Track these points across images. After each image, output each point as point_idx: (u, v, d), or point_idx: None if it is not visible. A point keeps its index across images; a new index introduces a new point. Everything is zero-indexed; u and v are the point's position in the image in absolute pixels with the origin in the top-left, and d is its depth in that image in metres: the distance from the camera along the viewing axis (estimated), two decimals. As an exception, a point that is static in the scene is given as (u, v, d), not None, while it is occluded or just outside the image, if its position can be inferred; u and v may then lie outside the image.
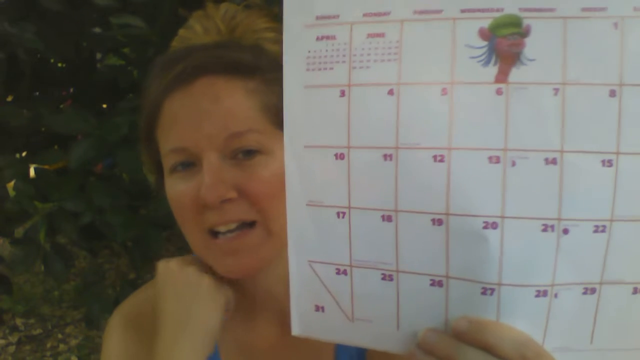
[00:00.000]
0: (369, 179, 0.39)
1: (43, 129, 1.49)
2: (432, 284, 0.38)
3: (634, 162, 0.35)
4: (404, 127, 0.37)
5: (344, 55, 0.39)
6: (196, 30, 0.56)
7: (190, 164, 0.52)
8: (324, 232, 0.41)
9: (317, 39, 0.39)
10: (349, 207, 0.40)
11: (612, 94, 0.35)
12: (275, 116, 0.52)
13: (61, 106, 1.60)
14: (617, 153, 0.35)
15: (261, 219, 0.51)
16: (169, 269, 0.55)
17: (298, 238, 0.41)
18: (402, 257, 0.39)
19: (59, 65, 1.66)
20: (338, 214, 0.40)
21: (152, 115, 0.54)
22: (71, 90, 1.69)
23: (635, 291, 0.37)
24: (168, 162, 0.53)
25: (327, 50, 0.39)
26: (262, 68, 0.53)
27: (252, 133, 0.51)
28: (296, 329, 0.43)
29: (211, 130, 0.50)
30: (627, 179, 0.35)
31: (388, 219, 0.39)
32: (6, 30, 1.24)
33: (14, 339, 2.57)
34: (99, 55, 1.70)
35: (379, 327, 0.41)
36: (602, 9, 0.35)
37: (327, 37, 0.39)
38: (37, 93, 1.59)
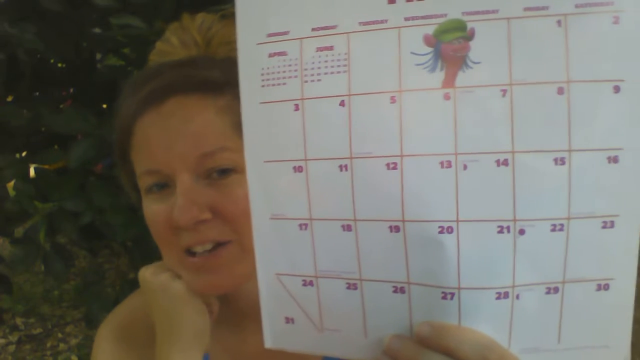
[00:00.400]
0: (327, 189, 0.39)
1: (43, 129, 1.49)
2: (394, 291, 0.39)
3: (586, 159, 0.35)
4: (357, 137, 0.38)
5: (295, 70, 0.39)
6: (173, 43, 0.56)
7: (164, 185, 0.51)
8: (288, 245, 0.41)
9: (270, 55, 0.40)
10: (310, 219, 0.40)
11: (560, 91, 0.35)
12: None
13: (61, 106, 1.60)
14: (569, 150, 0.35)
15: (236, 238, 0.51)
16: (145, 277, 0.55)
17: (264, 251, 0.42)
18: (364, 266, 0.39)
19: (59, 65, 1.66)
20: (300, 225, 0.40)
21: (124, 137, 0.53)
22: (71, 90, 1.69)
23: (598, 288, 0.37)
24: (143, 183, 0.53)
25: (279, 66, 0.39)
26: (231, 83, 0.53)
27: (224, 152, 0.50)
28: (268, 342, 0.44)
29: (183, 151, 0.50)
30: (581, 176, 0.35)
31: (348, 228, 0.39)
32: (6, 31, 1.24)
33: (14, 338, 2.58)
34: (98, 56, 1.70)
35: (348, 336, 0.41)
36: (544, 8, 0.35)
37: (279, 54, 0.40)
38: (37, 93, 1.59)
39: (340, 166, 0.38)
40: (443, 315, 0.37)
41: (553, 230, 0.36)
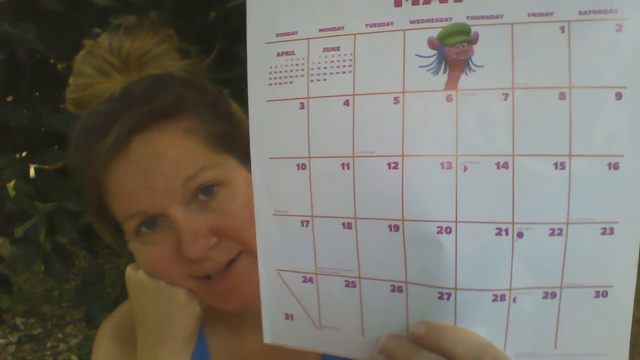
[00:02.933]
0: (329, 187, 0.39)
1: (43, 129, 1.49)
2: (392, 290, 0.39)
3: (587, 164, 0.35)
4: (360, 136, 0.38)
5: (302, 70, 0.40)
6: (88, 73, 0.53)
7: (154, 222, 0.50)
8: (290, 241, 0.41)
9: (278, 54, 0.40)
10: (312, 216, 0.40)
11: (562, 96, 0.35)
12: (217, 143, 0.51)
13: (61, 106, 1.60)
14: (570, 155, 0.35)
15: (245, 249, 0.51)
16: (138, 279, 0.53)
17: (266, 247, 0.42)
18: (363, 264, 0.39)
19: (59, 65, 1.66)
20: (302, 222, 0.41)
21: (95, 189, 0.51)
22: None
23: (597, 294, 0.37)
24: (129, 226, 0.51)
25: (287, 65, 0.40)
26: (185, 100, 0.51)
27: (205, 170, 0.50)
28: (268, 337, 0.44)
29: (164, 184, 0.48)
30: (581, 181, 0.35)
31: (348, 226, 0.39)
32: (6, 31, 1.24)
33: (14, 338, 2.58)
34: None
35: (346, 334, 0.41)
36: (548, 14, 0.35)
37: (287, 53, 0.40)
38: (37, 93, 1.59)
39: (343, 164, 0.39)
40: (439, 315, 0.38)
41: (552, 234, 0.36)
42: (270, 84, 0.41)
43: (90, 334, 2.49)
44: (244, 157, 0.51)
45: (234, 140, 0.53)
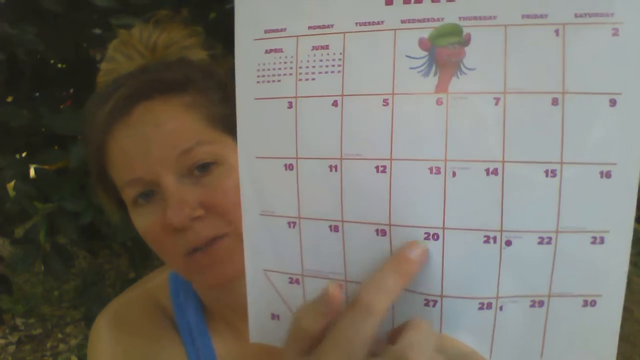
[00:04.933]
0: (316, 189, 0.39)
1: (43, 129, 1.49)
2: None
3: (578, 172, 0.34)
4: (348, 138, 0.37)
5: (290, 68, 0.39)
6: (119, 60, 0.56)
7: (150, 193, 0.51)
8: (277, 242, 0.41)
9: (266, 52, 0.39)
10: (299, 217, 0.40)
11: (555, 102, 0.34)
12: (219, 123, 0.52)
13: (61, 106, 1.61)
14: (561, 163, 0.34)
15: (232, 229, 0.51)
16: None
17: (253, 247, 0.42)
18: (349, 268, 0.39)
19: (59, 65, 1.66)
20: (289, 223, 0.40)
21: (98, 155, 0.53)
22: (71, 90, 1.69)
23: (585, 304, 0.36)
24: (127, 195, 0.52)
25: (275, 63, 0.39)
26: (193, 80, 0.53)
27: (201, 145, 0.50)
28: (254, 337, 0.44)
29: (160, 153, 0.49)
30: (571, 189, 0.34)
31: (335, 229, 0.39)
32: (6, 31, 1.24)
33: (14, 338, 2.58)
34: (98, 56, 1.70)
35: None
36: (543, 16, 0.34)
37: (275, 50, 0.39)
38: (37, 93, 1.59)
39: (330, 166, 0.38)
40: None
41: (540, 242, 0.35)
42: (258, 82, 0.40)
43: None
44: None
45: (236, 125, 0.54)
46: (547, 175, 0.34)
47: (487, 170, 0.35)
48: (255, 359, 0.60)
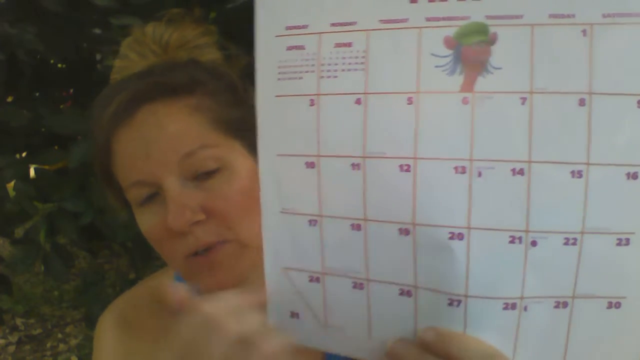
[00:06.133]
0: (338, 187, 0.38)
1: (43, 129, 1.49)
2: (401, 294, 0.38)
3: (604, 173, 0.34)
4: (371, 137, 0.37)
5: (312, 65, 0.38)
6: (132, 58, 0.56)
7: (154, 195, 0.51)
8: (297, 240, 0.41)
9: (288, 48, 0.39)
10: (321, 215, 0.39)
11: (582, 102, 0.34)
12: (227, 127, 0.51)
13: (61, 106, 1.61)
14: (587, 164, 0.34)
15: (232, 236, 0.50)
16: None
17: (273, 245, 0.41)
18: (371, 266, 0.39)
19: (59, 65, 1.66)
20: (310, 221, 0.40)
21: (103, 157, 0.53)
22: (71, 90, 1.69)
23: (609, 305, 0.36)
24: (132, 197, 0.52)
25: (296, 60, 0.39)
26: (200, 81, 0.52)
27: (205, 149, 0.50)
28: None
29: (162, 156, 0.49)
30: (597, 190, 0.34)
31: (357, 227, 0.38)
32: (6, 31, 1.24)
33: (14, 338, 2.58)
34: (98, 56, 1.70)
35: (352, 334, 0.40)
36: (571, 16, 0.34)
37: (297, 47, 0.39)
38: (37, 93, 1.59)
39: (353, 164, 0.38)
40: (448, 321, 0.37)
41: (566, 243, 0.35)
42: (279, 79, 0.40)
43: (90, 334, 2.49)
44: (253, 147, 0.51)
45: (246, 128, 0.53)
46: (573, 176, 0.34)
47: (513, 170, 0.35)
48: None
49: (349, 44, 0.38)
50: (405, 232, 0.37)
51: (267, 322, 0.40)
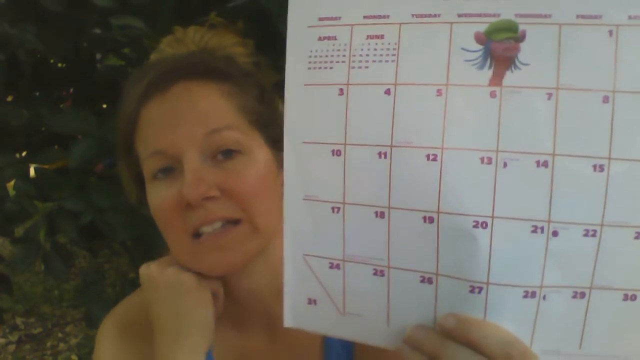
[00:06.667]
0: (363, 175, 0.39)
1: (43, 129, 1.49)
2: (422, 281, 0.39)
3: (625, 168, 0.35)
4: (399, 126, 0.38)
5: (344, 56, 0.40)
6: (167, 54, 0.58)
7: (170, 169, 0.52)
8: (319, 227, 0.41)
9: (319, 39, 0.40)
10: (344, 203, 0.40)
11: (605, 100, 0.35)
12: (251, 116, 0.53)
13: (61, 106, 1.61)
14: (609, 158, 0.35)
15: (246, 217, 0.51)
16: (149, 273, 0.55)
17: (294, 232, 0.42)
18: (393, 254, 0.40)
19: (59, 65, 1.67)
20: (333, 209, 0.41)
21: (129, 126, 0.54)
22: (71, 90, 1.69)
23: (625, 297, 0.37)
24: (148, 168, 0.53)
25: (328, 50, 0.40)
26: (234, 75, 0.55)
27: (230, 130, 0.51)
28: (288, 321, 0.44)
29: (189, 129, 0.50)
30: (618, 184, 0.35)
31: (381, 215, 0.39)
32: (6, 31, 1.24)
33: (14, 338, 2.58)
34: (98, 56, 1.70)
35: (370, 321, 0.41)
36: (597, 17, 0.35)
37: (329, 38, 0.40)
38: (37, 93, 1.60)
39: (380, 153, 0.39)
40: (469, 308, 0.38)
41: (586, 235, 0.36)
42: (309, 68, 0.41)
43: (90, 333, 2.49)
44: (271, 141, 0.55)
45: (267, 123, 0.55)
46: (595, 170, 0.36)
47: (538, 162, 0.36)
48: (255, 357, 0.61)
49: (381, 36, 0.39)
50: (429, 220, 0.38)
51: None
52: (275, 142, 0.55)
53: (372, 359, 0.51)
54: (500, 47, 0.36)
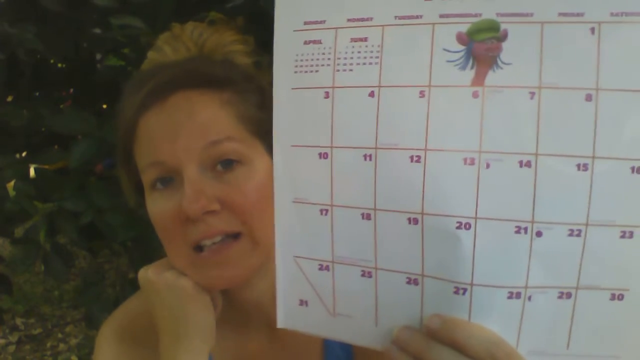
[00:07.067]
0: (350, 178, 0.40)
1: (43, 129, 1.49)
2: (408, 282, 0.39)
3: (609, 167, 0.35)
4: (383, 128, 0.38)
5: (329, 59, 0.40)
6: (166, 52, 0.57)
7: (169, 180, 0.51)
8: (308, 229, 0.42)
9: (305, 43, 0.40)
10: (332, 205, 0.41)
11: (588, 98, 0.35)
12: (251, 125, 0.53)
13: (61, 106, 1.61)
14: (593, 157, 0.35)
15: (246, 230, 0.51)
16: (148, 278, 0.55)
17: (284, 234, 0.42)
18: (380, 255, 0.40)
19: (59, 65, 1.66)
20: (321, 211, 0.41)
21: (128, 134, 0.54)
22: (71, 90, 1.69)
23: (612, 297, 0.37)
24: (147, 177, 0.53)
25: (313, 54, 0.40)
26: (234, 80, 0.54)
27: (230, 141, 0.51)
28: (281, 322, 0.44)
29: (188, 141, 0.50)
30: (602, 183, 0.35)
31: (367, 217, 0.39)
32: (6, 31, 1.24)
33: (14, 338, 2.58)
34: (98, 56, 1.70)
35: (359, 322, 0.41)
36: (580, 14, 0.35)
37: (314, 42, 0.40)
38: (37, 93, 1.59)
39: (365, 155, 0.39)
40: (454, 309, 0.38)
41: (570, 235, 0.36)
42: (295, 72, 0.41)
43: (90, 334, 2.49)
44: (271, 149, 0.53)
45: (268, 130, 0.54)
46: (579, 169, 0.35)
47: (521, 163, 0.36)
48: (254, 357, 0.60)
49: (364, 39, 0.39)
50: (414, 221, 0.38)
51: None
52: None
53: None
54: (482, 47, 0.36)
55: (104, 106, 1.63)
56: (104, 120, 1.30)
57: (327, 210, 0.41)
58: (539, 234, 0.36)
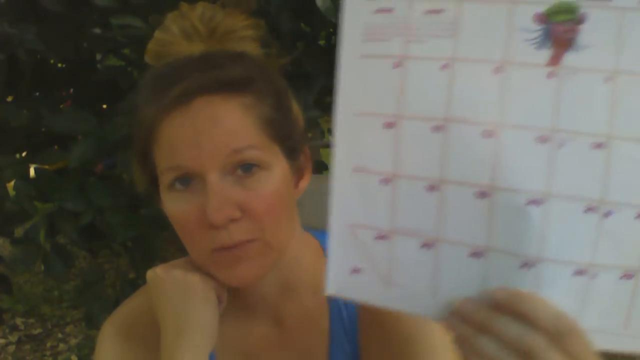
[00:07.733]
0: (416, 148, 0.40)
1: (43, 129, 1.49)
2: (471, 255, 0.40)
3: None
4: (455, 102, 0.39)
5: (400, 28, 0.40)
6: (173, 32, 0.56)
7: (188, 181, 0.52)
8: (367, 198, 0.42)
9: (377, 11, 0.40)
10: (394, 175, 0.41)
11: None
12: (270, 129, 0.53)
13: (61, 106, 1.61)
14: None
15: (261, 236, 0.52)
16: (156, 276, 0.56)
17: (341, 202, 0.43)
18: (443, 227, 0.40)
19: (59, 65, 1.66)
20: (382, 180, 0.41)
21: (148, 136, 0.53)
22: (71, 90, 1.69)
23: None
24: (166, 178, 0.53)
25: (385, 23, 0.40)
26: (254, 79, 0.53)
27: (251, 149, 0.51)
28: (331, 289, 0.44)
29: (212, 149, 0.50)
30: None
31: (432, 188, 0.40)
32: (6, 31, 1.24)
33: (14, 338, 2.57)
34: (98, 56, 1.70)
35: (415, 292, 0.42)
36: None
37: (386, 10, 0.40)
38: (37, 93, 1.59)
39: (434, 127, 0.39)
40: (519, 283, 0.38)
41: (637, 217, 0.37)
42: (364, 40, 0.41)
43: (90, 334, 2.49)
44: (288, 152, 0.55)
45: (284, 133, 0.55)
46: None
47: (594, 144, 0.37)
48: (255, 353, 0.61)
49: (440, 11, 0.39)
50: (483, 195, 0.38)
51: None
52: (291, 151, 0.55)
53: (375, 351, 0.51)
54: (560, 28, 0.37)
55: (104, 106, 1.63)
56: (104, 120, 1.30)
57: (388, 180, 0.41)
58: (607, 214, 0.37)
